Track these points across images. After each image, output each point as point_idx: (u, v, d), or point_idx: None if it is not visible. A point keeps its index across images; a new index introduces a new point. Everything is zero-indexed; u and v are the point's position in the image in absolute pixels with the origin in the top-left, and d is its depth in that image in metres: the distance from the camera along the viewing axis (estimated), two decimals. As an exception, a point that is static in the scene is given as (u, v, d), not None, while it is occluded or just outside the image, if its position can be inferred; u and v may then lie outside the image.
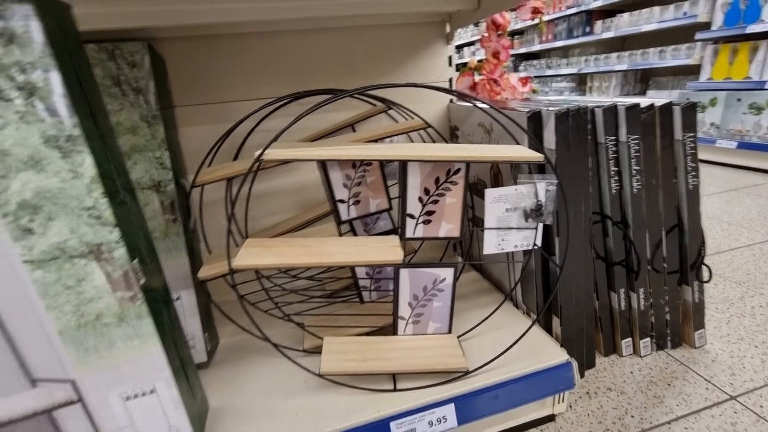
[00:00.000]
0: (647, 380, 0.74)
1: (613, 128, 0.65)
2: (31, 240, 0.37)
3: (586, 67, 3.22)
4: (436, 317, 0.63)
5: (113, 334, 0.42)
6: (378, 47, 0.84)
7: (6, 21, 0.31)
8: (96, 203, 0.38)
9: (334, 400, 0.57)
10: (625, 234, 0.71)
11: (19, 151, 0.34)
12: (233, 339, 0.74)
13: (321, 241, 0.57)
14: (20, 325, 0.39)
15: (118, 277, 0.41)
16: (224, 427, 0.54)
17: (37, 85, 0.33)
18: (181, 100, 0.75)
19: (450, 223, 0.58)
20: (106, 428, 0.46)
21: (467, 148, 0.54)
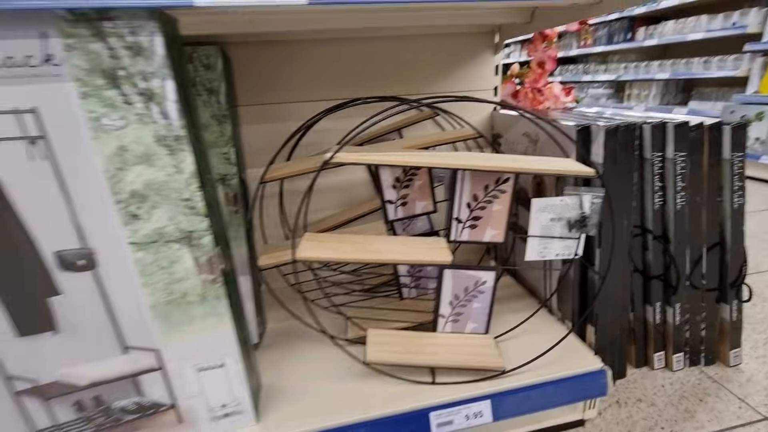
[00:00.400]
0: (678, 394, 0.75)
1: (660, 145, 0.66)
2: (137, 225, 0.43)
3: (625, 75, 3.15)
4: (475, 317, 0.66)
5: (194, 312, 0.48)
6: (426, 55, 0.87)
7: (136, 36, 0.37)
8: (192, 195, 0.43)
9: (376, 387, 0.61)
10: (666, 249, 0.72)
11: (135, 148, 0.40)
12: (279, 324, 0.80)
13: (371, 238, 0.61)
14: (121, 298, 0.45)
15: (204, 261, 0.46)
16: (276, 403, 0.59)
17: (155, 91, 0.39)
18: (243, 99, 0.81)
19: (495, 229, 0.61)
20: (179, 394, 0.51)
21: (519, 159, 0.57)
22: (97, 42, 0.36)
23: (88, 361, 0.47)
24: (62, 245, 0.42)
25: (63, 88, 0.37)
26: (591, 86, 3.62)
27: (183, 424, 0.53)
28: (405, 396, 0.59)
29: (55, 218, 0.41)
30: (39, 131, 0.38)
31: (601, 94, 3.46)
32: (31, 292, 0.43)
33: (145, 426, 0.52)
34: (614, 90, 3.47)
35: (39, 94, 0.36)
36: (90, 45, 0.36)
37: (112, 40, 0.36)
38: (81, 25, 0.35)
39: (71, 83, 0.37)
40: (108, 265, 0.43)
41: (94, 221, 0.42)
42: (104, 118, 0.38)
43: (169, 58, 0.38)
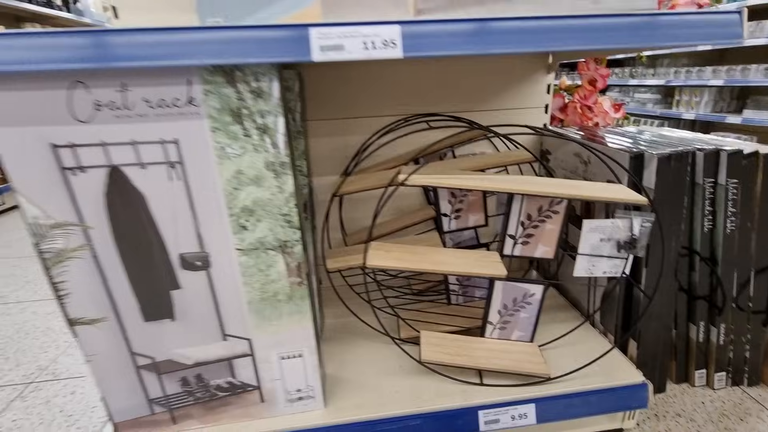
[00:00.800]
0: (719, 412, 0.77)
1: (712, 171, 0.68)
2: (244, 234, 0.51)
3: (676, 80, 3.03)
4: (522, 326, 0.71)
5: (282, 309, 0.56)
6: (481, 74, 0.92)
7: (259, 82, 0.44)
8: (289, 211, 0.51)
9: (428, 384, 0.68)
10: (713, 270, 0.74)
11: (249, 172, 0.48)
12: (335, 320, 0.87)
13: (431, 250, 0.67)
14: (225, 294, 0.54)
15: (294, 266, 0.54)
16: (339, 392, 0.67)
17: (269, 126, 0.46)
18: (312, 115, 0.89)
19: (546, 246, 0.66)
20: (264, 378, 0.60)
21: (573, 185, 0.61)
22: (228, 87, 0.44)
23: (195, 344, 0.56)
24: (185, 249, 0.51)
25: (199, 124, 0.45)
26: (637, 91, 3.51)
27: (264, 403, 0.61)
28: (455, 394, 0.65)
29: (182, 227, 0.49)
30: (178, 158, 0.46)
31: (648, 99, 3.34)
32: (158, 286, 0.52)
33: (234, 402, 0.60)
34: (662, 95, 3.34)
35: (181, 129, 0.45)
36: (223, 89, 0.44)
37: (240, 85, 0.44)
38: (218, 74, 0.43)
39: (206, 120, 0.45)
40: (218, 266, 0.52)
41: (211, 230, 0.50)
42: (228, 148, 0.46)
43: (281, 99, 0.46)
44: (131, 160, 0.45)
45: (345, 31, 0.41)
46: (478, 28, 0.43)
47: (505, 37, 0.43)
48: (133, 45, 0.39)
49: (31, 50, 0.38)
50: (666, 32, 0.46)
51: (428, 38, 0.42)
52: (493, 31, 0.43)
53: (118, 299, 0.51)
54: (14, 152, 0.43)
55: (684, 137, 0.80)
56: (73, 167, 0.44)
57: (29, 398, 0.89)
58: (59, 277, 0.49)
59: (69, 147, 0.44)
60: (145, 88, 0.42)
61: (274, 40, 0.41)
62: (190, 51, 0.40)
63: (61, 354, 1.04)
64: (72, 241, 0.48)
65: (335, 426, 0.61)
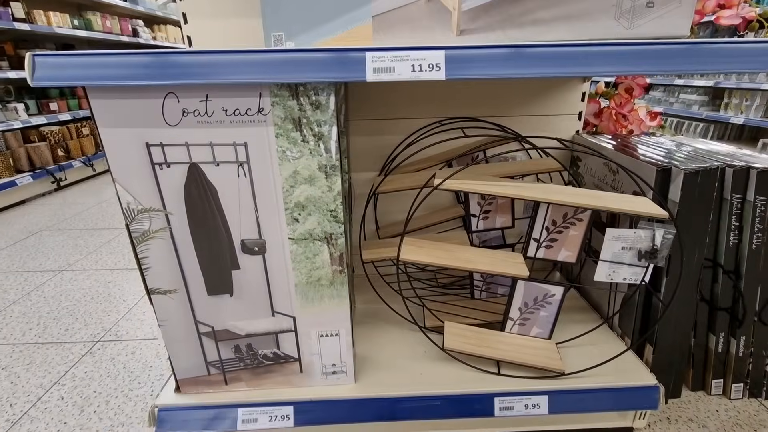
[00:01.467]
0: (732, 421, 0.79)
1: (741, 188, 0.70)
2: (296, 226, 0.58)
3: (726, 81, 2.88)
4: (541, 324, 0.76)
5: (324, 292, 0.63)
6: (514, 81, 0.95)
7: (318, 96, 0.51)
8: (336, 207, 0.58)
9: (449, 371, 0.74)
10: (735, 284, 0.76)
11: (304, 172, 0.55)
12: (366, 306, 0.95)
13: (460, 248, 0.72)
14: (276, 276, 0.62)
15: (337, 256, 0.61)
16: (368, 370, 0.74)
17: (324, 134, 0.53)
18: (353, 115, 0.95)
19: (569, 250, 0.70)
20: (304, 351, 0.68)
21: (598, 195, 0.65)
22: (292, 100, 0.51)
23: (248, 318, 0.64)
24: (246, 236, 0.59)
25: (265, 130, 0.52)
26: (684, 91, 3.36)
27: (303, 374, 0.70)
28: (474, 381, 0.71)
29: (245, 217, 0.57)
30: (245, 158, 0.54)
31: (694, 100, 3.20)
32: (221, 265, 0.60)
33: (277, 370, 0.69)
34: (710, 97, 3.18)
35: (250, 134, 0.52)
36: (287, 102, 0.51)
37: (302, 98, 0.51)
38: (284, 89, 0.50)
39: (271, 127, 0.52)
40: (272, 252, 0.60)
41: (269, 221, 0.58)
42: (288, 151, 0.54)
43: (336, 110, 0.53)
44: (207, 158, 0.53)
45: (396, 55, 0.47)
46: (513, 54, 0.48)
47: (538, 61, 0.48)
48: (214, 64, 0.47)
49: (131, 68, 0.47)
50: (706, 59, 0.49)
51: (468, 62, 0.47)
52: (527, 56, 0.48)
53: (188, 275, 0.60)
54: (117, 148, 0.52)
55: (718, 150, 0.81)
56: (161, 163, 0.53)
57: (97, 354, 1.02)
58: (143, 253, 0.58)
59: (159, 146, 0.52)
60: (224, 99, 0.50)
61: (333, 62, 0.47)
62: (261, 70, 0.47)
63: (121, 319, 1.18)
64: (155, 224, 0.57)
65: (364, 399, 0.69)
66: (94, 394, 0.89)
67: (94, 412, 0.84)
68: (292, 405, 0.68)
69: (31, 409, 0.86)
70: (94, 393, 0.90)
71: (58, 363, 0.99)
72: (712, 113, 3.04)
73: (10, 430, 0.81)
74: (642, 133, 1.08)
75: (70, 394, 0.90)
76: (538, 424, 0.74)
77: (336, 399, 0.69)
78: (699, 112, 3.15)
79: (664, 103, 3.56)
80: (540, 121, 0.97)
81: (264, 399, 0.68)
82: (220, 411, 0.67)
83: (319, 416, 0.68)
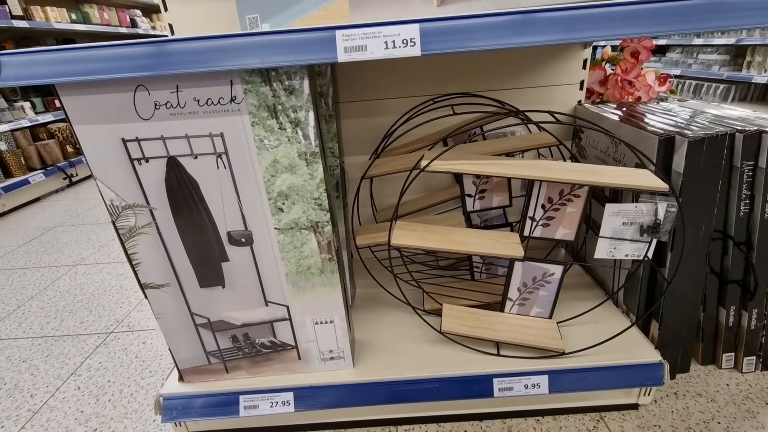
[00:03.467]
0: (743, 395, 0.77)
1: (752, 154, 0.65)
2: (281, 216, 0.57)
3: (749, 38, 2.71)
4: (540, 303, 0.75)
5: (315, 281, 0.63)
6: (509, 51, 0.90)
7: (291, 81, 0.49)
8: (320, 195, 0.56)
9: (448, 353, 0.74)
10: (747, 256, 0.72)
11: (284, 161, 0.53)
12: (366, 290, 0.95)
13: (454, 230, 0.71)
14: (266, 267, 0.61)
15: (325, 244, 0.60)
16: (366, 354, 0.75)
17: (301, 120, 0.51)
18: (343, 97, 0.93)
19: (567, 228, 0.68)
20: (300, 339, 0.68)
21: (595, 170, 0.61)
22: (265, 86, 0.49)
23: (242, 308, 0.65)
24: (232, 227, 0.58)
25: (240, 119, 0.51)
26: (703, 51, 3.17)
27: (301, 361, 0.70)
28: (473, 363, 0.71)
29: (229, 209, 0.57)
30: (223, 149, 0.53)
31: (714, 60, 3.02)
32: (211, 258, 0.60)
33: (276, 358, 0.70)
34: (731, 56, 3.00)
35: (225, 124, 0.51)
36: (260, 88, 0.49)
37: (275, 84, 0.49)
38: (255, 75, 0.48)
39: (246, 116, 0.51)
40: (260, 243, 0.59)
41: (253, 212, 0.57)
42: (265, 140, 0.52)
43: (311, 95, 0.50)
44: (185, 151, 0.53)
45: (368, 32, 0.44)
46: (495, 23, 0.44)
47: (523, 29, 0.45)
48: (177, 53, 0.45)
49: (96, 62, 0.45)
50: (723, 15, 0.44)
51: (445, 35, 0.44)
52: (510, 24, 0.44)
53: (178, 268, 0.61)
54: (93, 145, 0.51)
55: (730, 115, 0.76)
56: (139, 158, 0.52)
57: (110, 345, 1.06)
58: (132, 249, 0.58)
59: (135, 141, 0.51)
60: (194, 89, 0.49)
61: (303, 43, 0.45)
62: (227, 57, 0.45)
63: (133, 310, 1.21)
64: (140, 220, 0.57)
65: (362, 383, 0.69)
66: (108, 383, 0.93)
67: (109, 401, 0.88)
68: (292, 391, 0.69)
69: (50, 399, 0.90)
70: (108, 382, 0.93)
71: (74, 354, 1.03)
72: (734, 73, 2.87)
73: (32, 420, 0.85)
74: (651, 99, 1.03)
75: (86, 383, 0.93)
76: (540, 403, 0.74)
77: (335, 384, 0.69)
78: (719, 72, 2.98)
79: (682, 65, 3.38)
80: (539, 93, 0.92)
81: (264, 386, 0.69)
82: (223, 398, 0.69)
83: (319, 401, 0.69)
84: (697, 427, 0.72)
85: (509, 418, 0.75)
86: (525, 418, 0.75)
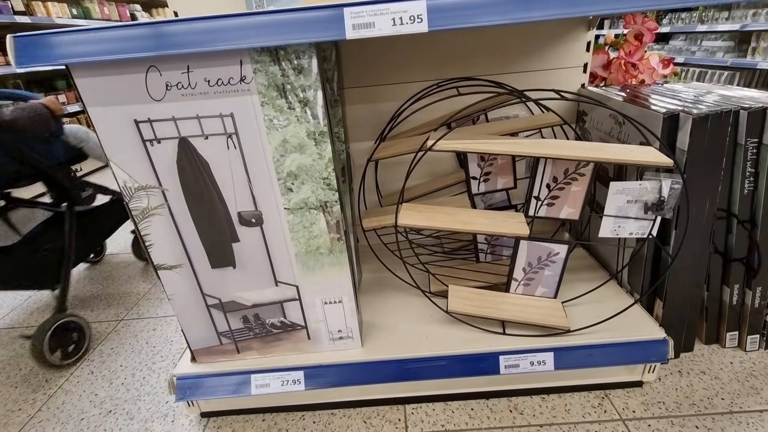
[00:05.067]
0: (747, 372, 0.78)
1: (757, 131, 0.66)
2: (290, 195, 0.58)
3: (754, 23, 2.67)
4: (545, 283, 0.76)
5: (324, 260, 0.64)
6: (513, 35, 0.90)
7: (300, 59, 0.50)
8: (329, 175, 0.57)
9: (455, 332, 0.75)
10: (751, 234, 0.73)
11: (293, 140, 0.54)
12: (372, 275, 0.96)
13: (460, 211, 0.72)
14: (276, 247, 0.62)
15: (333, 224, 0.61)
16: (374, 335, 0.76)
17: (310, 99, 0.52)
18: (348, 82, 0.93)
19: (571, 207, 0.68)
20: (309, 319, 0.70)
21: (599, 147, 0.62)
22: (274, 65, 0.50)
23: (253, 289, 0.66)
24: (242, 208, 0.59)
25: (250, 99, 0.52)
26: (707, 37, 3.14)
27: (311, 341, 0.71)
28: (479, 341, 0.72)
29: (239, 189, 0.58)
30: (233, 129, 0.54)
31: (719, 47, 2.99)
32: (222, 239, 0.61)
33: (286, 338, 0.71)
34: (736, 42, 2.97)
35: (235, 104, 0.52)
36: (269, 68, 0.50)
37: (284, 63, 0.50)
38: (265, 55, 0.49)
39: (256, 95, 0.51)
40: (270, 223, 0.60)
41: (263, 192, 0.58)
42: (275, 120, 0.53)
43: (320, 74, 0.51)
44: (196, 132, 0.53)
45: (375, 9, 0.45)
46: (501, -2, 0.45)
47: (530, 3, 0.45)
48: (189, 33, 0.46)
49: (109, 42, 0.46)
50: None
51: (452, 11, 0.45)
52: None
53: (190, 249, 0.62)
54: (107, 127, 0.52)
55: (735, 95, 0.76)
56: (152, 139, 0.53)
57: (121, 332, 1.08)
58: (145, 230, 0.60)
59: (147, 122, 0.52)
60: (205, 69, 0.49)
61: (311, 21, 0.46)
62: (237, 36, 0.46)
63: (142, 299, 1.23)
64: (153, 201, 0.58)
65: (371, 362, 0.70)
66: (120, 367, 0.95)
67: (122, 384, 0.89)
68: (302, 370, 0.70)
69: (65, 383, 0.92)
70: (120, 367, 0.95)
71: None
72: (738, 60, 2.85)
73: (47, 402, 0.87)
74: (654, 82, 1.03)
75: (99, 368, 0.95)
76: (545, 381, 0.75)
77: (344, 363, 0.71)
78: (724, 59, 2.95)
79: (685, 53, 3.35)
80: (543, 76, 0.93)
81: (275, 365, 0.70)
82: (235, 377, 0.70)
83: (329, 380, 0.70)
84: (701, 403, 0.73)
85: (515, 396, 0.76)
86: (531, 396, 0.76)
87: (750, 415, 0.70)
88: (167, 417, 0.79)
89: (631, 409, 0.72)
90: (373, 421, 0.74)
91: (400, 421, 0.73)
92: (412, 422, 0.73)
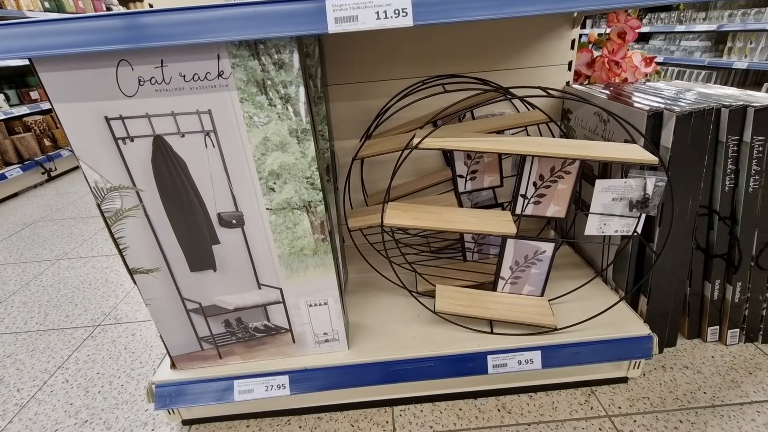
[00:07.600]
0: (728, 366, 0.80)
1: (738, 129, 0.67)
2: (272, 195, 0.56)
3: (730, 24, 2.75)
4: (532, 282, 0.75)
5: (308, 262, 0.62)
6: (498, 32, 0.90)
7: (280, 54, 0.48)
8: (312, 174, 0.55)
9: (442, 333, 0.74)
10: (731, 230, 0.74)
11: (275, 138, 0.52)
12: (358, 275, 0.94)
13: (446, 210, 0.71)
14: (258, 249, 0.60)
15: (318, 224, 0.59)
16: (361, 336, 0.75)
17: (291, 95, 0.50)
18: (332, 79, 0.91)
19: (558, 205, 0.68)
20: (294, 322, 0.68)
21: (585, 145, 0.62)
22: (253, 60, 0.48)
23: (235, 292, 0.64)
24: (222, 208, 0.57)
25: (229, 95, 0.49)
26: (685, 37, 3.22)
27: (296, 344, 0.70)
28: (467, 341, 0.71)
29: (218, 189, 0.55)
30: (211, 127, 0.51)
31: (696, 47, 3.07)
32: (201, 241, 0.59)
33: (270, 342, 0.69)
34: (713, 42, 3.05)
35: (213, 100, 0.50)
36: (249, 62, 0.48)
37: (264, 58, 0.48)
38: (243, 48, 0.47)
39: (234, 91, 0.49)
40: (251, 224, 0.58)
41: (243, 192, 0.56)
42: (255, 117, 0.51)
43: (302, 69, 0.49)
44: (172, 129, 0.51)
45: (359, 1, 0.43)
46: (487, -8, 0.44)
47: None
48: (170, 24, 0.43)
49: (76, 34, 0.44)
50: None
51: (435, 5, 0.44)
52: (502, -6, 0.44)
53: (168, 252, 0.59)
54: (76, 125, 0.49)
55: (715, 93, 0.77)
56: (124, 137, 0.51)
57: (98, 338, 1.04)
58: (119, 233, 0.57)
59: (119, 119, 0.50)
60: (180, 63, 0.47)
61: (292, 14, 0.44)
62: (213, 28, 0.44)
63: (120, 303, 1.19)
64: (127, 202, 0.55)
65: (358, 364, 0.69)
66: (97, 375, 0.91)
67: (99, 392, 0.86)
68: (287, 374, 0.68)
69: (38, 393, 0.87)
70: (97, 374, 0.91)
71: (61, 348, 1.01)
72: (715, 59, 2.93)
73: (19, 414, 0.83)
74: (637, 80, 1.04)
75: (75, 376, 0.91)
76: (532, 379, 0.75)
77: (330, 366, 0.69)
78: (701, 59, 3.03)
79: (664, 52, 3.43)
80: (528, 73, 0.92)
81: (259, 370, 0.68)
82: (217, 384, 0.68)
83: (315, 383, 0.69)
84: (684, 397, 0.74)
85: (503, 395, 0.76)
86: (518, 394, 0.76)
87: (731, 408, 0.72)
88: (147, 426, 0.76)
89: (617, 405, 0.73)
90: (361, 424, 0.72)
91: (388, 423, 0.72)
92: (400, 424, 0.72)
